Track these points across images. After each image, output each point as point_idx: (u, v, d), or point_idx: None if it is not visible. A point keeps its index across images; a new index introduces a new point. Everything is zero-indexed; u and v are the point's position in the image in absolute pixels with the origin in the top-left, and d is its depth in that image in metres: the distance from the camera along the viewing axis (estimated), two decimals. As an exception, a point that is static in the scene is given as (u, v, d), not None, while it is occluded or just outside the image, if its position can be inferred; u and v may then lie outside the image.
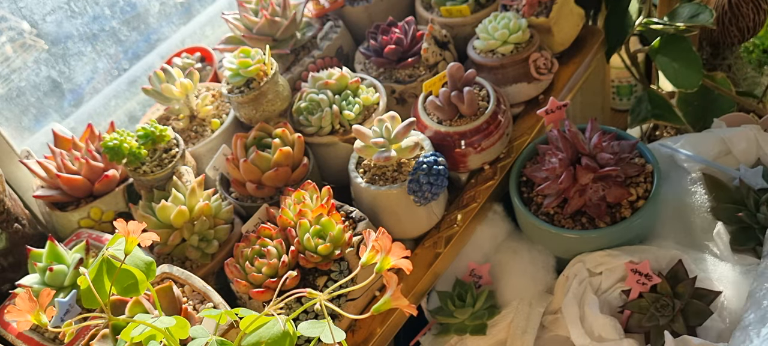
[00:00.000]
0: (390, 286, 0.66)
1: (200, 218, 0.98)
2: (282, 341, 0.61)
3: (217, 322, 0.69)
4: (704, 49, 1.35)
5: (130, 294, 0.66)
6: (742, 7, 1.20)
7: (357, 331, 0.95)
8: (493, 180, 1.07)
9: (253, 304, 0.92)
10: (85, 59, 1.28)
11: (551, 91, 1.17)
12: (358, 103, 1.08)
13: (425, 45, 1.15)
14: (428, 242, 1.03)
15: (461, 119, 1.06)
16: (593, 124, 1.01)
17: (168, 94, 1.13)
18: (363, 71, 1.21)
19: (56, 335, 0.90)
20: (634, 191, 0.98)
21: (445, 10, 1.23)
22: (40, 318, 0.64)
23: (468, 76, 1.07)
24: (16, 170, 1.14)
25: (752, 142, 1.06)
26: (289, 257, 0.90)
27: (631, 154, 1.00)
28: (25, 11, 1.18)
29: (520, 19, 1.14)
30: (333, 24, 1.27)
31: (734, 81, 1.32)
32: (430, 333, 1.07)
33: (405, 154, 0.99)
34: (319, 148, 1.10)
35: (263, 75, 1.08)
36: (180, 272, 0.91)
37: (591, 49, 1.22)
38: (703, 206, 1.02)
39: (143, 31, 1.36)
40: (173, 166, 1.03)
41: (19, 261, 1.03)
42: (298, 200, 0.95)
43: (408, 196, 0.98)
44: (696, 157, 1.05)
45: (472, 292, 1.03)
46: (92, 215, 1.06)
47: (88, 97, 1.30)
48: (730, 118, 1.14)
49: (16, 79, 1.19)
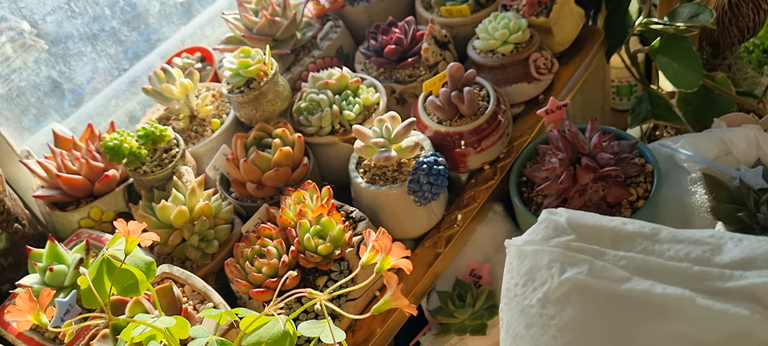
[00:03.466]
0: (390, 286, 0.66)
1: (200, 218, 0.98)
2: (282, 341, 0.61)
3: (217, 322, 0.69)
4: (704, 49, 1.35)
5: (130, 294, 0.66)
6: (742, 7, 1.20)
7: (357, 331, 0.95)
8: (493, 180, 1.07)
9: (253, 304, 0.93)
10: (86, 59, 1.28)
11: (551, 91, 1.17)
12: (358, 103, 1.08)
13: (425, 45, 1.15)
14: (428, 242, 1.03)
15: (461, 119, 1.06)
16: (593, 124, 1.01)
17: (168, 94, 1.13)
18: (363, 71, 1.21)
19: (56, 335, 0.90)
20: (634, 191, 0.98)
21: (445, 10, 1.23)
22: (40, 318, 0.64)
23: (468, 76, 1.07)
24: (16, 170, 1.14)
25: (752, 142, 1.06)
26: (289, 257, 0.90)
27: (631, 154, 1.00)
28: (25, 11, 1.18)
29: (520, 19, 1.14)
30: (333, 24, 1.27)
31: (734, 81, 1.32)
32: (430, 333, 1.07)
33: (405, 154, 0.99)
34: (319, 148, 1.10)
35: (263, 75, 1.08)
36: (180, 272, 0.91)
37: (591, 49, 1.22)
38: (703, 205, 1.02)
39: (143, 31, 1.36)
40: (173, 166, 1.03)
41: (19, 261, 1.03)
42: (298, 199, 0.95)
43: (408, 196, 0.98)
44: (696, 158, 1.05)
45: (472, 292, 1.03)
46: (92, 215, 1.06)
47: (88, 97, 1.30)
48: (730, 118, 1.14)
49: (16, 79, 1.19)
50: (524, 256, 0.68)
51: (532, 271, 0.67)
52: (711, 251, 0.64)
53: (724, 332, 0.60)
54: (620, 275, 0.62)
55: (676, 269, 0.62)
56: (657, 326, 0.60)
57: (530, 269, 0.67)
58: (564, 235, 0.66)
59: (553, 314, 0.63)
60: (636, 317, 0.61)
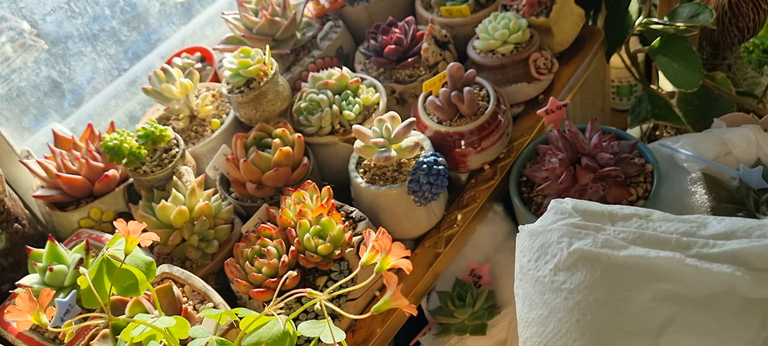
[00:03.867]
0: (390, 286, 0.66)
1: (200, 218, 0.98)
2: (282, 341, 0.61)
3: (217, 322, 0.69)
4: (704, 49, 1.35)
5: (130, 294, 0.66)
6: (742, 7, 1.20)
7: (357, 331, 0.95)
8: (493, 180, 1.07)
9: (253, 304, 0.93)
10: (86, 59, 1.28)
11: (551, 91, 1.17)
12: (358, 103, 1.08)
13: (425, 45, 1.15)
14: (428, 242, 1.03)
15: (461, 119, 1.06)
16: (593, 124, 1.01)
17: (168, 94, 1.13)
18: (363, 71, 1.21)
19: (56, 335, 0.90)
20: (634, 191, 0.98)
21: (445, 10, 1.23)
22: (40, 318, 0.64)
23: (468, 76, 1.07)
24: (16, 170, 1.14)
25: (752, 142, 1.06)
26: (289, 257, 0.90)
27: (631, 154, 1.00)
28: (25, 11, 1.18)
29: (520, 19, 1.14)
30: (333, 24, 1.27)
31: (734, 81, 1.32)
32: (430, 333, 1.07)
33: (405, 154, 0.99)
34: (319, 148, 1.10)
35: (263, 75, 1.08)
36: (180, 272, 0.91)
37: (591, 49, 1.22)
38: (703, 206, 1.02)
39: (143, 31, 1.36)
40: (173, 166, 1.03)
41: (19, 261, 1.03)
42: (298, 200, 0.95)
43: (408, 196, 0.98)
44: (696, 158, 1.05)
45: (472, 292, 1.03)
46: (92, 215, 1.06)
47: (88, 97, 1.30)
48: (730, 118, 1.14)
49: (17, 79, 1.19)
50: (536, 235, 0.78)
51: (544, 246, 0.77)
52: (697, 227, 0.74)
53: (710, 289, 0.69)
54: (619, 245, 0.72)
55: (667, 239, 0.72)
56: (651, 286, 0.69)
57: (542, 245, 0.77)
58: (570, 217, 0.77)
59: (563, 279, 0.73)
60: (633, 278, 0.70)
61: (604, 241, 0.73)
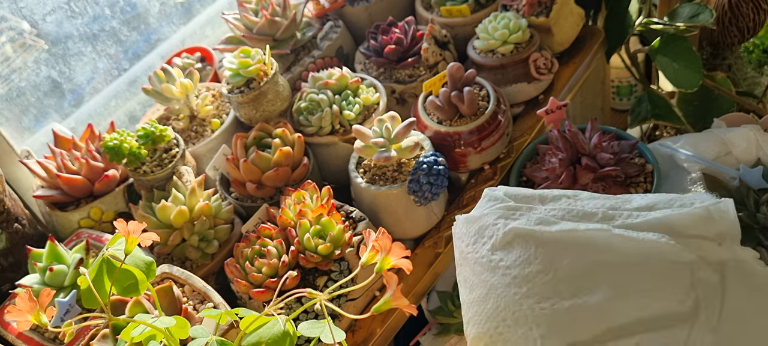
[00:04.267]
0: (390, 286, 0.66)
1: (200, 218, 0.98)
2: (282, 341, 0.61)
3: (217, 322, 0.69)
4: (704, 49, 1.35)
5: (130, 294, 0.66)
6: (742, 7, 1.20)
7: (357, 331, 0.95)
8: (493, 180, 1.07)
9: (253, 304, 0.93)
10: (85, 59, 1.28)
11: (551, 91, 1.17)
12: (358, 103, 1.08)
13: (425, 45, 1.15)
14: (428, 242, 1.03)
15: (461, 119, 1.06)
16: (593, 124, 1.01)
17: (168, 94, 1.13)
18: (363, 71, 1.21)
19: (56, 335, 0.90)
20: (634, 191, 0.98)
21: (445, 10, 1.23)
22: (40, 318, 0.64)
23: (468, 76, 1.07)
24: (16, 170, 1.14)
25: (752, 142, 1.06)
26: (289, 257, 0.90)
27: (631, 154, 1.00)
28: (25, 11, 1.18)
29: (520, 19, 1.14)
30: (333, 24, 1.27)
31: (734, 81, 1.32)
32: (430, 333, 1.07)
33: (405, 154, 0.99)
34: (319, 148, 1.10)
35: (263, 75, 1.08)
36: (180, 272, 0.91)
37: (591, 49, 1.22)
38: (703, 205, 1.02)
39: (143, 31, 1.36)
40: (173, 166, 1.03)
41: (19, 261, 1.03)
42: (298, 200, 0.95)
43: (408, 196, 0.98)
44: (696, 158, 1.05)
45: (472, 292, 1.03)
46: (92, 215, 1.06)
47: (88, 97, 1.30)
48: (730, 118, 1.14)
49: (16, 79, 1.19)
50: (473, 221, 0.81)
51: (480, 230, 0.80)
52: (622, 202, 0.79)
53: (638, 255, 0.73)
54: (551, 221, 0.77)
55: (594, 213, 0.78)
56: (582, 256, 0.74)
57: (479, 229, 0.80)
58: (504, 202, 0.81)
59: (500, 257, 0.77)
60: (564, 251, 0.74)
61: (537, 219, 0.77)
